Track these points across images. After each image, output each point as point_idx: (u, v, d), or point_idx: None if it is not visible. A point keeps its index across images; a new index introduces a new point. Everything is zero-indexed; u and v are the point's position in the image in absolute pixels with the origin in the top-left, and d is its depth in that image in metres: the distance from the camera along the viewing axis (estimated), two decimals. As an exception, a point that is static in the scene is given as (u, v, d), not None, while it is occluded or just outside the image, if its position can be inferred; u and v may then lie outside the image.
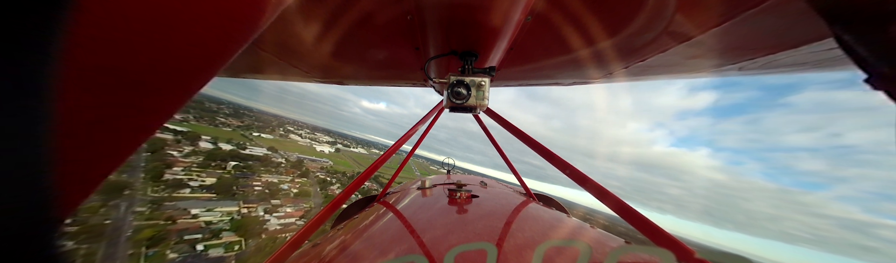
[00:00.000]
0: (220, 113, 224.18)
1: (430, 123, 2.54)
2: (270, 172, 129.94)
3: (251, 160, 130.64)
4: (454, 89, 1.41)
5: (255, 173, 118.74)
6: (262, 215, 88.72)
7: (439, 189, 2.16)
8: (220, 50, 0.48)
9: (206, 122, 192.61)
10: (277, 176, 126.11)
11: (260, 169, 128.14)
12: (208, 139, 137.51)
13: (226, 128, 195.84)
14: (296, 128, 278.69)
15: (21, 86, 0.21)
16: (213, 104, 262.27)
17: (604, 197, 1.21)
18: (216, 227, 76.45)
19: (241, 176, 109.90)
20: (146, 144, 0.41)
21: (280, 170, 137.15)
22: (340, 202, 1.70)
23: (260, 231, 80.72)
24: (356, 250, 1.13)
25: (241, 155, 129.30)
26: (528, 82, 2.58)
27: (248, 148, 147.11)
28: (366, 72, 2.34)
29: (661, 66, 1.66)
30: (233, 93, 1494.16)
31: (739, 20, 0.99)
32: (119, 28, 0.34)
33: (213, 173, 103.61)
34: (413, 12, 1.17)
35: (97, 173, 0.43)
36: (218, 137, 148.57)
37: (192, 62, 0.46)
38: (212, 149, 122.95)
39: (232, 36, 0.48)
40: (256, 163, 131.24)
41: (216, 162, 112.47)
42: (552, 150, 1.53)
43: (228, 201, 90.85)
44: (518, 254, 0.92)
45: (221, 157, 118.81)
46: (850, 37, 0.59)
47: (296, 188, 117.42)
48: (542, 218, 1.44)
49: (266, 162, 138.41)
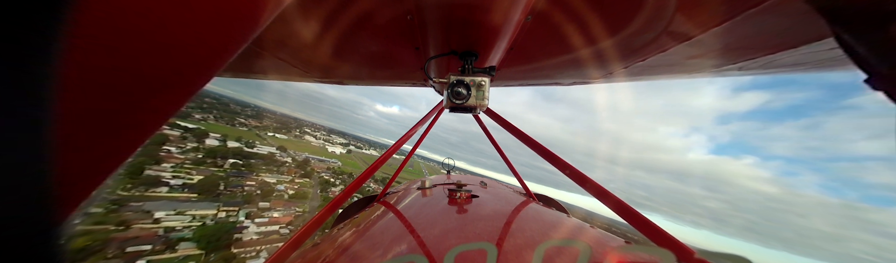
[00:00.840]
0: (243, 114, 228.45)
1: (430, 123, 2.54)
2: (271, 171, 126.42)
3: (254, 158, 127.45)
4: (454, 89, 1.41)
5: (253, 172, 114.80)
6: (242, 220, 76.46)
7: (439, 189, 2.16)
8: (220, 50, 0.48)
9: (224, 122, 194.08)
10: (277, 176, 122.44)
11: (261, 167, 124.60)
12: (217, 136, 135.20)
13: (242, 127, 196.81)
14: (313, 129, 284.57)
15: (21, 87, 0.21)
16: (238, 106, 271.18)
17: (604, 197, 1.21)
18: (176, 236, 61.34)
19: (235, 174, 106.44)
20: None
21: (282, 170, 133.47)
22: (340, 202, 1.70)
23: (229, 242, 65.87)
24: (356, 250, 1.14)
25: (245, 153, 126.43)
26: (528, 82, 2.58)
27: (257, 147, 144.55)
28: (366, 72, 2.34)
29: (661, 66, 1.66)
30: (260, 98, 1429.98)
31: (740, 20, 0.99)
32: (119, 28, 0.34)
33: (204, 171, 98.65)
34: (413, 12, 1.16)
35: (97, 173, 0.43)
36: (227, 135, 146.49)
37: (191, 62, 0.46)
38: (216, 146, 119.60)
39: (231, 36, 0.48)
40: (259, 162, 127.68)
41: (213, 160, 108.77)
42: (559, 152, 1.53)
43: (209, 202, 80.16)
44: (518, 254, 0.92)
45: (223, 154, 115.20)
46: (851, 36, 0.59)
47: (293, 189, 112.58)
48: (542, 218, 1.44)
49: (270, 160, 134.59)
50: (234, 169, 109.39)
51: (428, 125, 2.51)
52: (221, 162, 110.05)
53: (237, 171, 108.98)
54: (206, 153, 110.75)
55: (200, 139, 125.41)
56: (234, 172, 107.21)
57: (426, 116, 2.41)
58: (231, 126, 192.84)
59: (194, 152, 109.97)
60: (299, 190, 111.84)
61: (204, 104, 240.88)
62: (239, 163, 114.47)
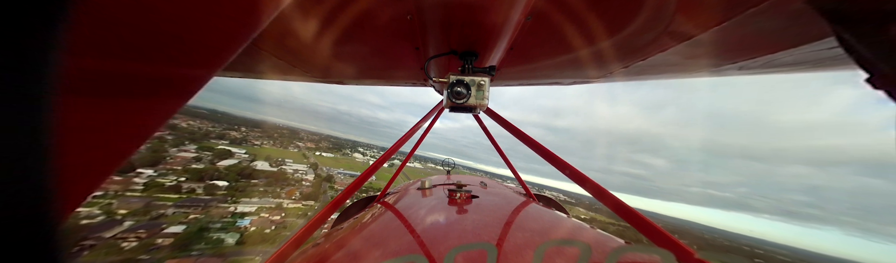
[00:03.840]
0: (305, 139, 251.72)
1: (430, 123, 2.54)
2: (263, 194, 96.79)
3: (259, 177, 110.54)
4: (454, 89, 1.41)
5: (229, 196, 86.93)
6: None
7: (439, 189, 2.16)
8: (220, 49, 0.48)
9: (279, 145, 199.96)
10: (265, 201, 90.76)
11: (256, 189, 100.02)
12: (245, 157, 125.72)
13: (295, 149, 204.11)
14: (364, 149, 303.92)
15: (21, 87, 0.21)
16: (306, 134, 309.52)
17: (603, 197, 1.21)
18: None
19: (186, 203, 73.11)
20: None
21: (282, 191, 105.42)
22: (340, 202, 1.70)
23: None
24: (356, 250, 1.14)
25: (248, 171, 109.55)
26: (528, 82, 2.58)
27: (285, 165, 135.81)
28: (366, 72, 2.34)
29: (661, 66, 1.66)
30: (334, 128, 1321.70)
31: (740, 19, 0.98)
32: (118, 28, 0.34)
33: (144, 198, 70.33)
34: (413, 12, 1.16)
35: (97, 173, 0.43)
36: (258, 155, 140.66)
37: (191, 61, 0.46)
38: (203, 168, 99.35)
39: (231, 35, 0.48)
40: (261, 181, 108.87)
41: (192, 184, 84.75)
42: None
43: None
44: (518, 254, 0.92)
45: (210, 175, 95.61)
46: (851, 36, 0.58)
47: (269, 221, 72.32)
48: (542, 218, 1.44)
49: (275, 179, 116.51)
50: (189, 197, 76.37)
51: (428, 125, 2.51)
52: (194, 187, 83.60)
53: (191, 199, 75.66)
54: (191, 175, 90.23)
55: (215, 159, 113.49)
56: (185, 201, 74.33)
57: (426, 116, 2.41)
58: (284, 148, 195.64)
59: (177, 174, 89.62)
60: (277, 223, 72.84)
61: (275, 134, 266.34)
62: (217, 186, 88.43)
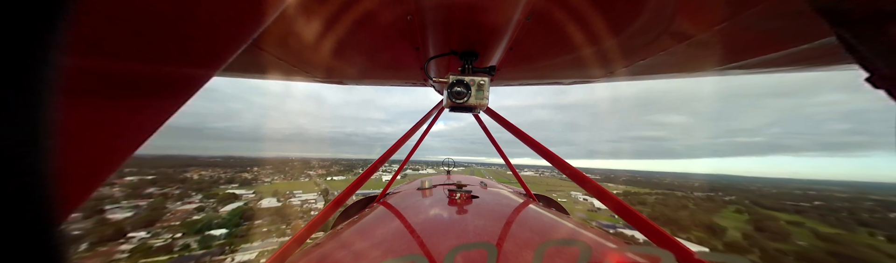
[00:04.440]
0: (317, 167, 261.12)
1: (430, 123, 2.54)
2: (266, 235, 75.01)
3: (261, 218, 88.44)
4: (454, 89, 1.41)
5: (228, 246, 63.38)
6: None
7: (439, 189, 2.16)
8: (220, 50, 0.48)
9: (290, 178, 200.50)
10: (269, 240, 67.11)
11: (258, 230, 78.88)
12: (251, 197, 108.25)
13: (306, 178, 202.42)
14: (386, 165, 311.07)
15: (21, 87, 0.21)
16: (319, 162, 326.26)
17: (603, 197, 1.21)
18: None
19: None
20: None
21: (281, 229, 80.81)
22: (341, 202, 1.70)
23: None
24: (357, 250, 1.14)
25: (249, 213, 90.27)
26: (528, 81, 2.58)
27: (295, 196, 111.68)
28: (366, 72, 2.34)
29: (661, 65, 1.66)
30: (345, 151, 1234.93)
31: (740, 19, 0.99)
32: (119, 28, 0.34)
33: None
34: (413, 13, 1.16)
35: (97, 173, 0.44)
36: (265, 191, 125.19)
37: (191, 61, 0.46)
38: (202, 217, 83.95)
39: (232, 35, 0.48)
40: (262, 222, 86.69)
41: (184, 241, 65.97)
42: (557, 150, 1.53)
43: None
44: (518, 254, 0.92)
45: (209, 225, 78.04)
46: (851, 36, 0.58)
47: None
48: (542, 218, 1.44)
49: (280, 215, 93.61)
50: (181, 256, 62.16)
51: (427, 125, 2.51)
52: (188, 242, 66.85)
53: (181, 258, 62.00)
54: (187, 229, 75.36)
55: (219, 206, 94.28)
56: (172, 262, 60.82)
57: (426, 116, 2.41)
58: (294, 180, 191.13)
59: (173, 231, 73.75)
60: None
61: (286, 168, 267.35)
62: (214, 236, 69.68)
